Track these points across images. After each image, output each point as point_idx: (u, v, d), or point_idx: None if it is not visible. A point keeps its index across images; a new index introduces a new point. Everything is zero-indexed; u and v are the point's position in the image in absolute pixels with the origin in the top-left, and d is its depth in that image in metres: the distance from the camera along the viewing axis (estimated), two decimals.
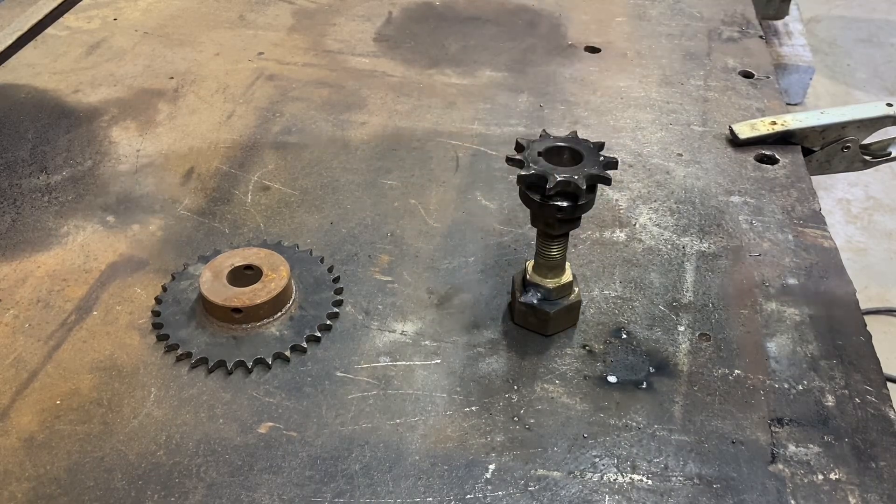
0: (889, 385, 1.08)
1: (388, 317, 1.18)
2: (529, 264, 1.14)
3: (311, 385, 1.08)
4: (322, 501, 0.94)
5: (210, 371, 1.09)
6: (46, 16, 1.96)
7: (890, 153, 1.63)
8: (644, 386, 1.08)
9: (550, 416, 1.04)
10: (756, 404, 1.05)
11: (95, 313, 1.18)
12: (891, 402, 1.05)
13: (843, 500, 0.94)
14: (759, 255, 1.29)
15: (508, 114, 1.65)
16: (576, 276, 1.16)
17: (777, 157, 1.51)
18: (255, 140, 1.57)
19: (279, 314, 1.15)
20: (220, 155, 1.53)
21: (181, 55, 1.85)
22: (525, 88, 1.74)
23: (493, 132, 1.60)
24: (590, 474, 0.97)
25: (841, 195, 3.68)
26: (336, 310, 1.18)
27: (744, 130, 1.54)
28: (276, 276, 1.15)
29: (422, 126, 1.61)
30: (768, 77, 1.77)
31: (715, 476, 0.97)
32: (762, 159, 1.51)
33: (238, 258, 1.18)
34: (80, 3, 2.08)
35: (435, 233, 1.34)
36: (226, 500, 0.94)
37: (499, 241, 1.33)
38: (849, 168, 1.62)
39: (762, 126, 1.54)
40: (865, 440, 1.00)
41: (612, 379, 1.09)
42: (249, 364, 1.09)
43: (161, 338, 1.13)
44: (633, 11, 2.07)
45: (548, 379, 1.09)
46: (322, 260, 1.26)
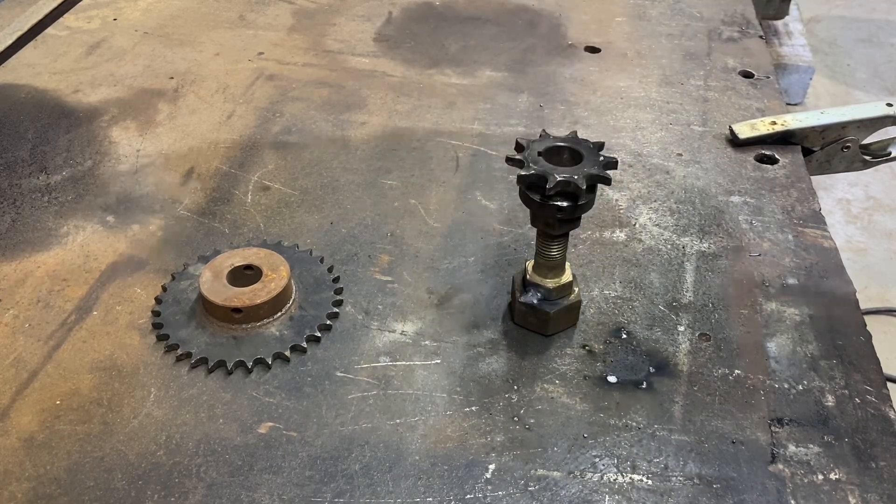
0: (889, 385, 1.08)
1: (388, 317, 1.18)
2: (529, 264, 1.14)
3: (311, 385, 1.08)
4: (322, 501, 0.94)
5: (210, 371, 1.09)
6: (46, 16, 1.96)
7: (890, 153, 1.63)
8: (644, 386, 1.08)
9: (550, 416, 1.04)
10: (756, 404, 1.05)
11: (95, 313, 1.18)
12: (891, 402, 1.05)
13: (843, 500, 0.94)
14: (759, 255, 1.29)
15: (508, 114, 1.65)
16: (576, 276, 1.16)
17: (777, 157, 1.51)
18: (255, 140, 1.57)
19: (279, 314, 1.15)
20: (220, 155, 1.53)
21: (181, 55, 1.85)
22: (525, 88, 1.74)
23: (493, 132, 1.60)
24: (590, 474, 0.97)
25: (841, 195, 3.68)
26: (336, 310, 1.18)
27: (744, 130, 1.54)
28: (276, 276, 1.15)
29: (422, 126, 1.61)
30: (768, 77, 1.77)
31: (715, 476, 0.97)
32: (762, 159, 1.51)
33: (238, 258, 1.18)
34: (80, 3, 2.08)
35: (435, 233, 1.34)
36: (226, 500, 0.94)
37: (499, 241, 1.33)
38: (849, 168, 1.62)
39: (762, 126, 1.54)
40: (865, 440, 1.00)
41: (612, 379, 1.09)
42: (249, 364, 1.09)
43: (161, 338, 1.13)
44: (633, 11, 2.07)
45: (548, 379, 1.09)
46: (322, 260, 1.26)
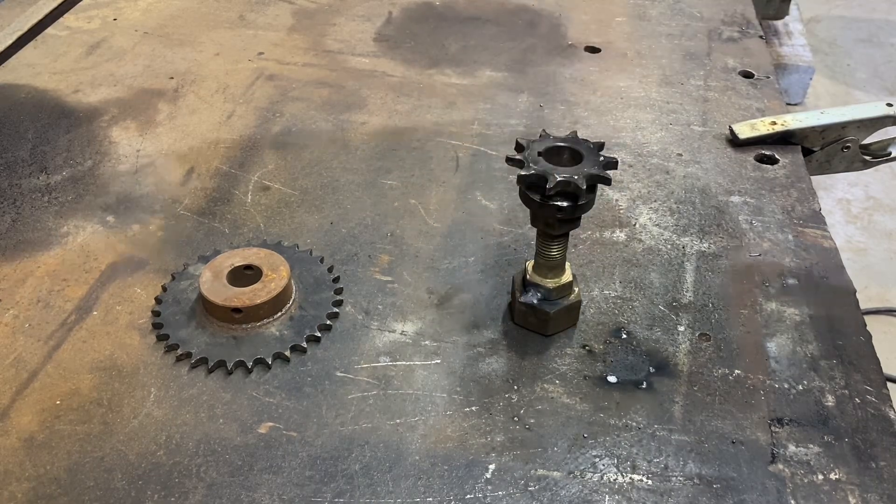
0: (889, 385, 1.08)
1: (388, 317, 1.18)
2: (529, 264, 1.14)
3: (311, 385, 1.08)
4: (322, 501, 0.94)
5: (210, 371, 1.09)
6: (46, 16, 1.96)
7: (890, 153, 1.63)
8: (644, 386, 1.08)
9: (550, 416, 1.04)
10: (756, 404, 1.05)
11: (95, 313, 1.18)
12: (891, 402, 1.05)
13: (843, 500, 0.94)
14: (759, 255, 1.29)
15: (508, 114, 1.65)
16: (576, 276, 1.16)
17: (777, 157, 1.51)
18: (255, 140, 1.57)
19: (279, 314, 1.15)
20: (220, 155, 1.53)
21: (181, 55, 1.85)
22: (525, 88, 1.74)
23: (493, 132, 1.59)
24: (590, 474, 0.97)
25: (841, 195, 3.68)
26: (336, 310, 1.18)
27: (744, 130, 1.54)
28: (276, 276, 1.15)
29: (422, 126, 1.61)
30: (768, 77, 1.77)
31: (715, 476, 0.97)
32: (762, 159, 1.51)
33: (238, 258, 1.18)
34: (80, 3, 2.08)
35: (435, 233, 1.34)
36: (226, 500, 0.94)
37: (499, 241, 1.33)
38: (849, 168, 1.62)
39: (762, 126, 1.54)
40: (865, 440, 1.00)
41: (612, 379, 1.09)
42: (249, 364, 1.09)
43: (161, 338, 1.13)
44: (633, 11, 2.07)
45: (548, 379, 1.09)
46: (322, 260, 1.26)
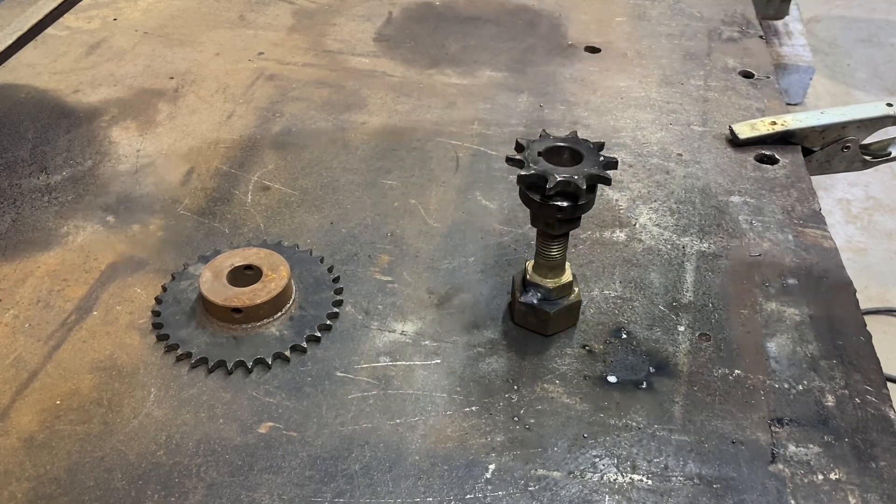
0: (889, 385, 1.08)
1: (388, 317, 1.18)
2: (529, 264, 1.14)
3: (311, 385, 1.08)
4: (322, 501, 0.94)
5: (210, 371, 1.09)
6: (46, 16, 1.96)
7: (890, 153, 1.63)
8: (644, 386, 1.08)
9: (550, 416, 1.04)
10: (756, 404, 1.05)
11: (95, 313, 1.18)
12: (891, 402, 1.05)
13: (843, 500, 0.94)
14: (759, 255, 1.29)
15: (508, 114, 1.65)
16: (576, 276, 1.16)
17: (777, 157, 1.51)
18: (255, 140, 1.57)
19: (279, 314, 1.15)
20: (220, 155, 1.53)
21: (181, 55, 1.85)
22: (525, 88, 1.74)
23: (493, 132, 1.59)
24: (590, 474, 0.97)
25: (841, 195, 3.68)
26: (336, 310, 1.18)
27: (744, 130, 1.54)
28: (276, 276, 1.15)
29: (422, 126, 1.61)
30: (768, 77, 1.77)
31: (715, 476, 0.97)
32: (762, 159, 1.51)
33: (238, 258, 1.18)
34: (80, 3, 2.08)
35: (435, 233, 1.34)
36: (226, 500, 0.94)
37: (499, 241, 1.33)
38: (849, 168, 1.62)
39: (762, 126, 1.54)
40: (865, 440, 1.00)
41: (612, 379, 1.09)
42: (249, 364, 1.09)
43: (161, 338, 1.13)
44: (633, 11, 2.07)
45: (548, 379, 1.09)
46: (322, 260, 1.26)
